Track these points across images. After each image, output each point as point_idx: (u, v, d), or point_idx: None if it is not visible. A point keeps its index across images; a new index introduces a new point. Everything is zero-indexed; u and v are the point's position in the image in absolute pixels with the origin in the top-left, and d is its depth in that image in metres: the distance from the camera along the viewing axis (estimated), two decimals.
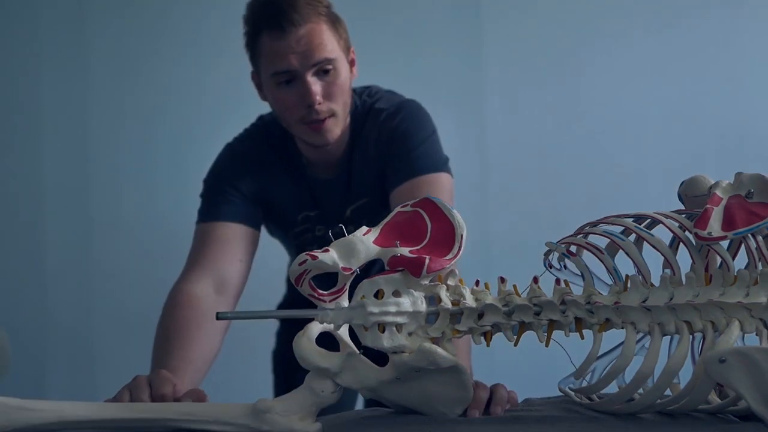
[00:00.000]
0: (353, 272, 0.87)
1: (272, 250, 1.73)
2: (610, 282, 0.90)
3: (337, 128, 1.45)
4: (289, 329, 1.77)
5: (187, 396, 1.01)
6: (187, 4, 2.44)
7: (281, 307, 1.75)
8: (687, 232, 0.90)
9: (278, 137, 1.54)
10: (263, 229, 1.68)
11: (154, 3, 2.43)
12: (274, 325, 1.82)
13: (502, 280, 0.91)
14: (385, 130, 1.50)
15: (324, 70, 1.41)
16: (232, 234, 1.44)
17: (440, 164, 1.48)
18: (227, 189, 1.48)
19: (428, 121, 1.52)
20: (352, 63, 1.49)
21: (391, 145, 1.49)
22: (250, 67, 1.50)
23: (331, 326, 0.89)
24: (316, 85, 1.40)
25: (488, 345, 0.90)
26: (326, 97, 1.42)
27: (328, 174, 1.54)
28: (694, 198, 0.96)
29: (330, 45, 1.41)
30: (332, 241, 0.89)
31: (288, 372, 1.73)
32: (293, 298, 1.77)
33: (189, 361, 1.21)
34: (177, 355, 1.21)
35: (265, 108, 1.56)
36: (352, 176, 1.53)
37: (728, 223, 0.86)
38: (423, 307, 0.87)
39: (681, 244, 0.90)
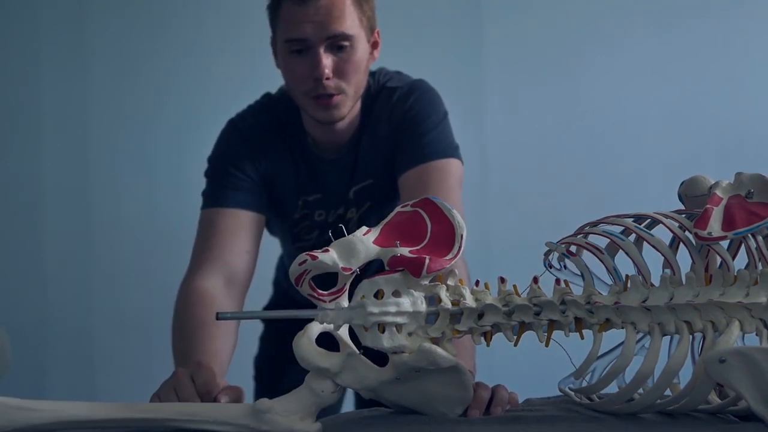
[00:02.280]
0: (353, 272, 0.87)
1: (273, 251, 1.73)
2: (610, 282, 0.90)
3: (344, 108, 1.41)
4: (273, 334, 1.75)
5: (225, 393, 1.00)
6: (187, 4, 2.44)
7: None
8: (687, 232, 0.90)
9: (284, 114, 1.50)
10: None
11: (154, 3, 2.43)
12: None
13: (502, 280, 0.91)
14: (397, 111, 1.47)
15: (339, 46, 1.36)
16: (240, 223, 1.41)
17: (451, 150, 1.45)
18: (233, 171, 1.45)
19: (440, 104, 1.49)
20: (374, 45, 1.45)
21: (402, 128, 1.45)
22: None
23: (331, 326, 0.89)
24: (327, 59, 1.35)
25: (488, 345, 0.90)
26: (337, 73, 1.37)
27: (334, 154, 1.50)
28: (694, 198, 0.96)
29: (350, 21, 1.36)
30: (331, 240, 0.89)
31: (271, 378, 1.70)
32: (279, 302, 1.74)
33: (213, 353, 1.19)
34: (200, 349, 1.19)
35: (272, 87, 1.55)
36: (358, 156, 1.49)
37: (728, 223, 0.86)
38: (423, 307, 0.87)
39: (681, 244, 0.90)
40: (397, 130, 1.46)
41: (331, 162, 1.50)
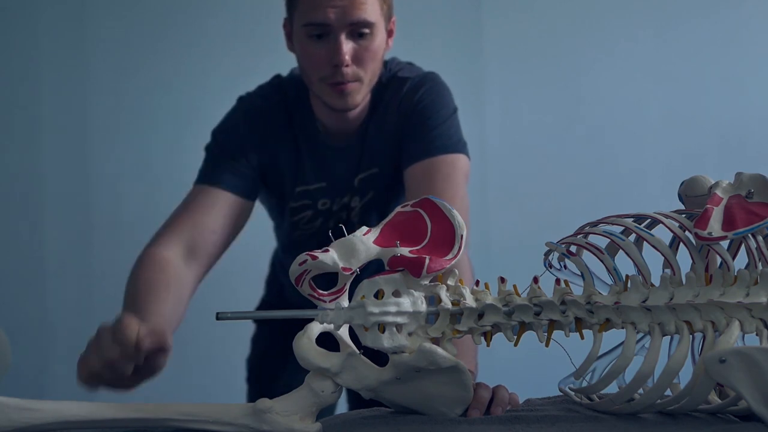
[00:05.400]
0: (353, 272, 0.87)
1: (269, 249, 1.73)
2: (610, 282, 0.90)
3: (359, 95, 1.39)
4: (267, 335, 1.74)
5: (149, 337, 0.98)
6: (187, 4, 2.44)
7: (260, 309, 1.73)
8: (687, 232, 0.90)
9: (294, 99, 1.48)
10: (262, 221, 1.64)
11: (155, 3, 2.43)
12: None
13: (502, 280, 0.91)
14: (407, 102, 1.46)
15: (359, 33, 1.34)
16: (216, 203, 1.39)
17: (459, 145, 1.44)
18: (233, 153, 1.43)
19: (450, 99, 1.49)
20: (390, 33, 1.43)
21: (411, 119, 1.44)
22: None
23: (331, 326, 0.89)
24: (347, 45, 1.34)
25: (488, 345, 0.90)
26: (356, 60, 1.36)
27: (342, 142, 1.48)
28: (694, 198, 0.96)
29: (372, 7, 1.35)
30: (330, 239, 0.89)
31: (265, 379, 1.69)
32: (271, 302, 1.73)
33: (159, 315, 1.17)
34: (148, 310, 1.18)
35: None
36: (365, 145, 1.48)
37: (728, 223, 0.86)
38: (423, 307, 0.87)
39: (681, 244, 0.90)
40: (405, 121, 1.45)
41: (339, 150, 1.49)
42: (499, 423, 0.88)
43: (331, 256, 0.86)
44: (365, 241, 0.88)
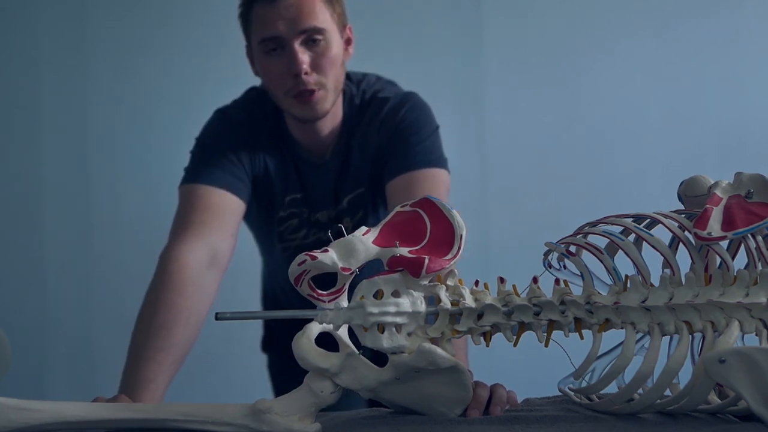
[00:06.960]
0: (352, 272, 0.87)
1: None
2: (609, 282, 0.90)
3: (327, 103, 1.42)
4: (278, 338, 1.73)
5: None
6: (186, 4, 2.44)
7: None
8: (686, 232, 0.90)
9: (270, 111, 1.50)
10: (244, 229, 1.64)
11: (155, 3, 2.43)
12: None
13: (502, 280, 0.91)
14: (389, 121, 1.48)
15: (313, 40, 1.38)
16: (226, 204, 1.39)
17: (441, 161, 1.47)
18: (223, 153, 1.44)
19: (432, 117, 1.51)
20: (348, 42, 1.46)
21: (393, 138, 1.47)
22: (248, 66, 1.50)
23: (331, 326, 0.89)
24: (303, 54, 1.37)
25: (488, 345, 0.90)
26: (314, 68, 1.39)
27: (319, 158, 1.51)
28: (693, 198, 0.96)
29: (321, 15, 1.38)
30: (330, 239, 0.89)
31: (288, 382, 1.69)
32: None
33: (157, 383, 1.18)
34: (151, 359, 1.19)
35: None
36: (349, 165, 1.50)
37: (728, 223, 0.86)
38: (422, 307, 0.87)
39: (681, 244, 0.90)
40: (387, 140, 1.47)
41: (316, 166, 1.51)
42: (499, 423, 0.88)
43: (330, 256, 0.86)
44: (364, 241, 0.88)
